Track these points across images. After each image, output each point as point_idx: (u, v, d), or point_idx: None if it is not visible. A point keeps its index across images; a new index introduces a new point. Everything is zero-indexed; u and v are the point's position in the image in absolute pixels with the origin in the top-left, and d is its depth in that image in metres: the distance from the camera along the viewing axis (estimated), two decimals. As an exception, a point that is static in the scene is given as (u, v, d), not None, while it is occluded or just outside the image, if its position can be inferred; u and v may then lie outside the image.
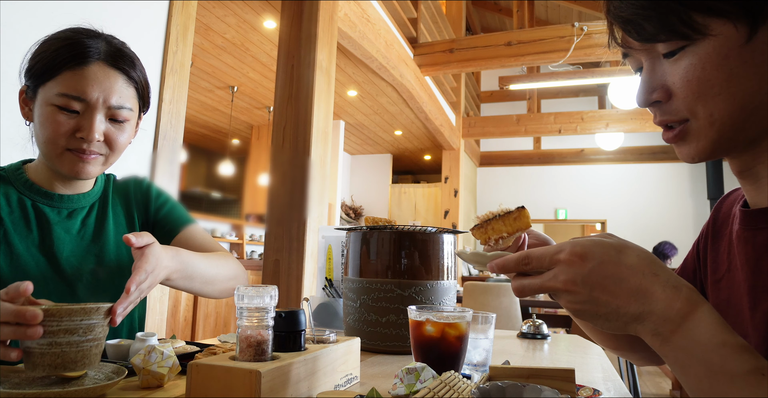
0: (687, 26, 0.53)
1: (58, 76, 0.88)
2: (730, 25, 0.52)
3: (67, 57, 0.88)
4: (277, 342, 0.70)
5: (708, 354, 0.46)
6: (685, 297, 0.48)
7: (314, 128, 2.58)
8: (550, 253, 0.53)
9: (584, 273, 0.51)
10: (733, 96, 0.53)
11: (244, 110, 6.32)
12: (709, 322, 0.47)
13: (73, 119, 0.89)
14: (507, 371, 0.65)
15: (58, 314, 0.62)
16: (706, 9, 0.52)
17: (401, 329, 1.09)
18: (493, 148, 9.29)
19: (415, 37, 5.18)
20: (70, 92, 0.87)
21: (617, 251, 0.51)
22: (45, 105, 0.89)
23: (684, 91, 0.55)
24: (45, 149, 0.91)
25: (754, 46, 0.52)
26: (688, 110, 0.56)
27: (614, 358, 4.40)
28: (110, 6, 1.69)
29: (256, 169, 7.01)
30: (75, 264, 0.97)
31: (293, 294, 2.46)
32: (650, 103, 0.59)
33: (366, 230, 1.17)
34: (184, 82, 1.99)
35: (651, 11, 0.54)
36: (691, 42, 0.54)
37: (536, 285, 0.54)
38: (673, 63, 0.56)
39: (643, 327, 0.50)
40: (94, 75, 0.89)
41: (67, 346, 0.63)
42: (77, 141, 0.90)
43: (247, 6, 3.76)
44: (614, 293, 0.50)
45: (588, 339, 1.50)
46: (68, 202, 0.99)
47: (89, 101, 0.89)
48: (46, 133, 0.89)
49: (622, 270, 0.50)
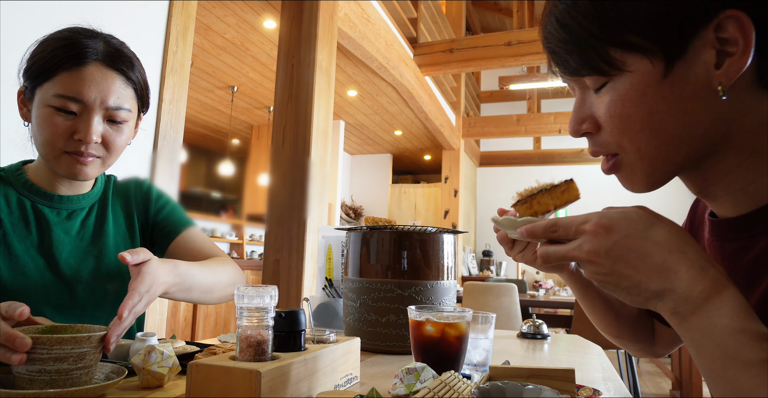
0: (605, 62, 0.54)
1: (55, 77, 0.86)
2: (646, 61, 0.52)
3: (64, 57, 0.86)
4: (277, 342, 0.70)
5: (725, 339, 0.45)
6: (710, 279, 0.47)
7: (314, 128, 2.58)
8: (577, 222, 0.53)
9: (608, 245, 0.50)
10: (657, 131, 0.54)
11: (244, 110, 6.32)
12: (731, 307, 0.46)
13: (71, 121, 0.88)
14: (507, 371, 0.65)
15: (48, 342, 0.61)
16: (623, 45, 0.53)
17: (401, 329, 1.09)
18: (493, 148, 9.29)
19: (415, 37, 5.18)
20: (66, 93, 0.86)
21: (646, 225, 0.50)
22: (42, 106, 0.87)
23: (609, 126, 0.57)
24: (43, 151, 0.90)
25: (671, 82, 0.52)
26: (616, 144, 0.57)
27: (614, 358, 4.40)
28: (110, 6, 1.69)
29: (256, 169, 7.01)
30: (74, 266, 0.96)
31: (293, 294, 2.46)
32: (580, 133, 0.60)
33: (366, 230, 1.17)
34: (184, 82, 1.99)
35: (571, 46, 0.56)
36: (610, 78, 0.55)
37: (561, 253, 0.53)
38: (599, 97, 0.57)
39: (663, 304, 0.49)
40: (91, 76, 0.87)
41: (56, 374, 0.62)
42: (75, 143, 0.88)
43: (247, 6, 3.76)
44: (637, 268, 0.49)
45: (588, 339, 1.50)
46: (68, 203, 0.98)
47: (86, 102, 0.87)
48: (43, 134, 0.88)
49: (647, 245, 0.49)
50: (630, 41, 0.52)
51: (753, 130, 0.54)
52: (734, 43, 0.50)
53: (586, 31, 0.54)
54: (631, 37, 0.52)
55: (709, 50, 0.51)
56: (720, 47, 0.51)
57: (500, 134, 7.40)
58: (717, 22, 0.50)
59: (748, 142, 0.54)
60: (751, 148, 0.54)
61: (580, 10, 0.54)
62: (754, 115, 0.53)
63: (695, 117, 0.53)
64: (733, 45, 0.50)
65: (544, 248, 0.55)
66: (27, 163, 1.00)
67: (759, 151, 0.54)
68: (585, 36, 0.54)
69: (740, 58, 0.50)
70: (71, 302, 0.94)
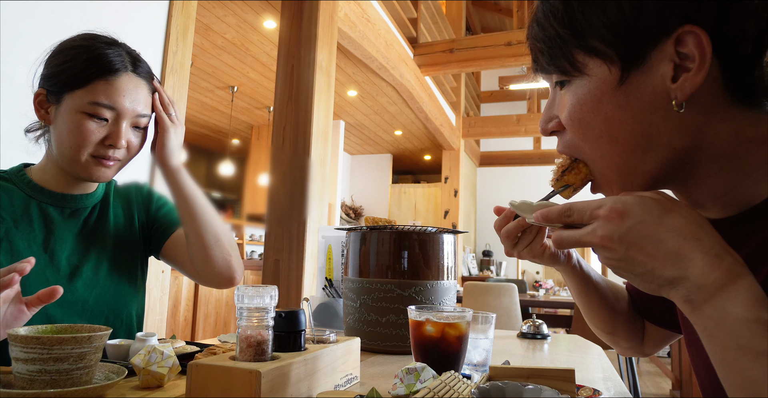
0: (569, 62, 0.56)
1: (90, 85, 0.91)
2: (605, 68, 0.54)
3: (99, 67, 0.92)
4: (277, 342, 0.70)
5: (738, 328, 0.44)
6: (726, 267, 0.46)
7: (314, 128, 2.58)
8: (592, 207, 0.52)
9: (622, 230, 0.49)
10: (616, 139, 0.55)
11: (244, 110, 6.32)
12: (746, 296, 0.45)
13: (103, 127, 0.93)
14: (507, 371, 0.65)
15: (49, 342, 0.61)
16: (586, 48, 0.55)
17: (401, 329, 1.09)
18: (493, 148, 9.29)
19: (415, 37, 5.18)
20: (103, 101, 0.91)
21: (662, 211, 0.49)
22: (74, 112, 0.91)
23: (570, 129, 0.59)
24: (68, 153, 0.93)
25: (626, 90, 0.54)
26: (579, 148, 0.59)
27: (614, 358, 4.40)
28: (110, 6, 1.69)
29: (256, 169, 7.01)
30: (75, 262, 0.98)
31: (293, 294, 2.46)
32: (549, 132, 0.62)
33: (366, 230, 1.17)
34: (184, 82, 1.99)
35: (543, 44, 0.59)
36: (572, 79, 0.57)
37: (574, 238, 0.53)
38: (562, 97, 0.59)
39: (676, 292, 0.48)
40: (126, 85, 0.94)
41: (56, 374, 0.62)
42: (104, 148, 0.94)
43: (247, 6, 3.76)
44: (650, 254, 0.48)
45: (588, 339, 1.50)
46: (72, 202, 1.01)
47: (120, 110, 0.93)
48: (74, 139, 0.92)
49: (661, 232, 0.48)
50: (593, 46, 0.55)
51: (728, 140, 0.54)
52: (691, 59, 0.51)
53: (556, 31, 0.57)
54: (594, 42, 0.54)
55: (667, 63, 0.52)
56: (679, 62, 0.52)
57: (500, 134, 7.40)
58: (676, 35, 0.51)
59: (724, 150, 0.54)
60: (729, 155, 0.54)
61: (554, 12, 0.57)
62: (727, 125, 0.54)
63: (654, 127, 0.54)
64: (690, 60, 0.51)
65: (558, 232, 0.55)
66: (28, 166, 1.03)
67: (736, 157, 0.54)
68: (554, 36, 0.57)
69: (695, 75, 0.51)
70: (72, 297, 0.96)
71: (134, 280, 1.08)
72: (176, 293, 4.35)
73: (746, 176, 0.54)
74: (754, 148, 0.54)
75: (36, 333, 0.67)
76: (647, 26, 0.52)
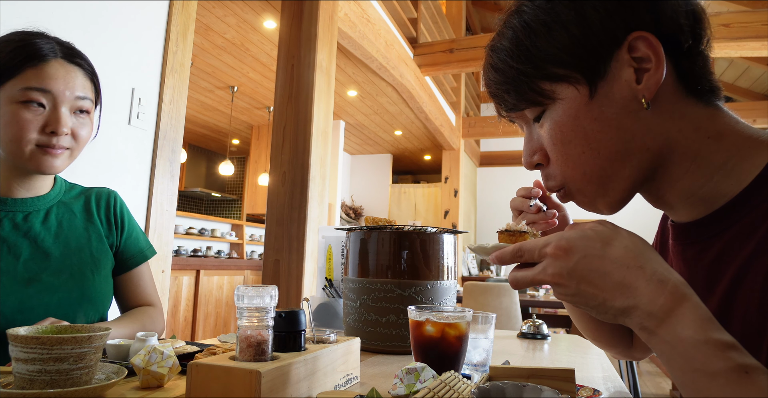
0: (536, 93, 0.60)
1: (20, 75, 0.90)
2: (572, 88, 0.58)
3: (26, 56, 0.91)
4: (277, 342, 0.70)
5: (690, 351, 0.46)
6: (669, 292, 0.48)
7: (314, 128, 2.58)
8: (539, 246, 0.54)
9: (570, 266, 0.51)
10: (597, 151, 0.58)
11: (244, 110, 6.32)
12: (692, 319, 0.46)
13: (40, 115, 0.91)
14: (507, 371, 0.65)
15: (48, 342, 0.61)
16: (548, 77, 0.58)
17: (401, 329, 1.09)
18: (493, 148, 9.29)
19: (415, 37, 5.18)
20: (35, 85, 0.90)
21: (603, 243, 0.52)
22: (9, 103, 0.90)
23: (554, 155, 0.61)
24: (11, 147, 0.91)
25: (599, 102, 0.57)
26: (562, 175, 0.62)
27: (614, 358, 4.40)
28: (110, 6, 1.69)
29: (256, 168, 7.01)
30: (33, 267, 0.96)
31: (293, 294, 2.46)
32: (533, 166, 0.65)
33: (366, 230, 1.17)
34: (184, 82, 1.99)
35: (506, 85, 0.62)
36: (545, 107, 0.60)
37: (528, 277, 0.55)
38: (541, 128, 0.62)
39: (631, 320, 0.50)
40: (56, 70, 0.92)
41: (56, 374, 0.62)
42: (46, 136, 0.92)
43: (247, 6, 3.76)
44: (599, 286, 0.50)
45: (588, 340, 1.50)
46: (22, 206, 0.99)
47: (55, 93, 0.92)
48: (13, 130, 0.90)
49: (606, 264, 0.50)
50: (554, 72, 0.58)
51: (691, 137, 0.58)
52: (648, 60, 0.55)
53: (515, 70, 0.60)
54: (554, 68, 0.58)
55: (627, 69, 0.56)
56: (637, 65, 0.55)
57: (500, 134, 7.40)
58: (627, 44, 0.55)
59: (689, 148, 0.58)
60: (693, 154, 0.58)
61: (507, 52, 0.61)
62: (688, 120, 0.57)
63: (629, 131, 0.57)
64: (647, 61, 0.55)
65: (512, 274, 0.58)
66: None
67: (700, 155, 0.57)
68: (515, 74, 0.60)
69: (656, 71, 0.55)
70: (31, 302, 0.94)
71: (100, 282, 1.05)
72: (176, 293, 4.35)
73: (709, 178, 0.57)
74: (714, 144, 0.57)
75: (36, 333, 0.67)
76: (599, 42, 0.56)
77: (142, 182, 1.81)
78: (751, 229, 0.53)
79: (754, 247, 0.52)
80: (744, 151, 0.56)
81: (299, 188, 2.54)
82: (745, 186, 0.55)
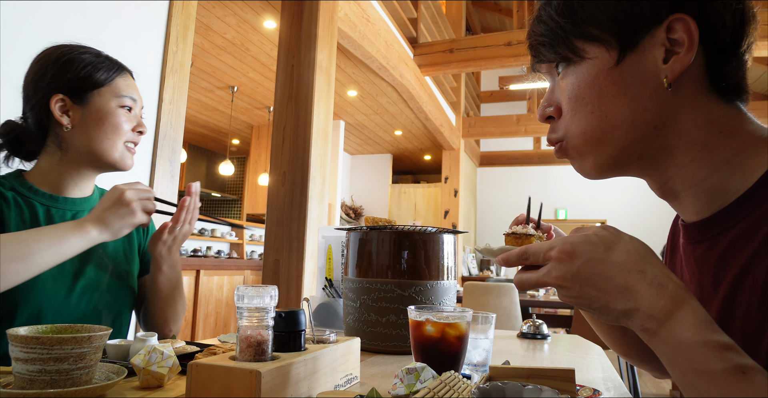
0: (570, 50, 0.62)
1: (112, 82, 1.03)
2: (603, 50, 0.60)
3: (114, 68, 1.04)
4: (277, 342, 0.70)
5: (690, 352, 0.47)
6: (669, 295, 0.49)
7: (314, 128, 2.58)
8: (544, 249, 0.56)
9: (573, 270, 0.53)
10: (605, 113, 0.60)
11: (244, 110, 6.32)
12: (690, 321, 0.48)
13: (131, 118, 1.05)
14: (507, 371, 0.65)
15: (49, 342, 0.61)
16: (585, 36, 0.61)
17: (401, 329, 1.09)
18: (493, 148, 9.29)
19: (415, 37, 5.18)
20: (129, 94, 1.05)
21: (606, 248, 0.53)
22: (108, 107, 1.01)
23: (566, 108, 0.63)
24: (106, 145, 1.01)
25: (622, 70, 0.59)
26: (565, 129, 0.64)
27: (614, 358, 4.40)
28: (110, 6, 1.69)
29: (256, 168, 7.00)
30: (77, 263, 1.00)
31: (293, 294, 2.46)
32: (545, 118, 0.67)
33: (366, 230, 1.17)
34: (184, 82, 1.99)
35: (544, 38, 0.65)
36: (571, 63, 0.62)
37: (533, 280, 0.57)
38: (562, 81, 0.64)
39: (632, 323, 0.52)
40: (132, 81, 1.08)
41: (56, 374, 0.62)
42: (135, 135, 1.06)
43: (247, 6, 3.76)
44: (602, 289, 0.52)
45: (588, 339, 1.50)
46: (72, 205, 1.03)
47: (138, 101, 1.07)
48: (113, 129, 1.01)
49: (608, 268, 0.52)
50: (591, 33, 0.60)
51: (703, 127, 0.59)
52: (681, 44, 0.56)
53: (557, 24, 0.63)
54: (593, 29, 0.60)
55: (659, 47, 0.57)
56: (669, 47, 0.57)
57: (500, 134, 7.40)
58: (667, 23, 0.57)
59: (698, 138, 0.59)
60: (701, 144, 0.59)
61: (554, 7, 0.63)
62: (704, 113, 0.58)
63: (643, 104, 0.59)
64: (680, 45, 0.56)
65: (518, 276, 0.59)
66: (24, 172, 1.04)
67: (708, 147, 0.58)
68: (555, 28, 0.63)
69: (684, 56, 0.56)
70: (75, 297, 0.98)
71: (132, 283, 1.10)
72: (176, 293, 4.35)
73: (714, 170, 0.58)
74: (724, 139, 0.58)
75: (36, 333, 0.67)
76: (642, 15, 0.57)
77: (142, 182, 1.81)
78: (755, 227, 0.54)
79: (757, 245, 0.53)
80: (752, 148, 0.57)
81: (299, 188, 2.54)
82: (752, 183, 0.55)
